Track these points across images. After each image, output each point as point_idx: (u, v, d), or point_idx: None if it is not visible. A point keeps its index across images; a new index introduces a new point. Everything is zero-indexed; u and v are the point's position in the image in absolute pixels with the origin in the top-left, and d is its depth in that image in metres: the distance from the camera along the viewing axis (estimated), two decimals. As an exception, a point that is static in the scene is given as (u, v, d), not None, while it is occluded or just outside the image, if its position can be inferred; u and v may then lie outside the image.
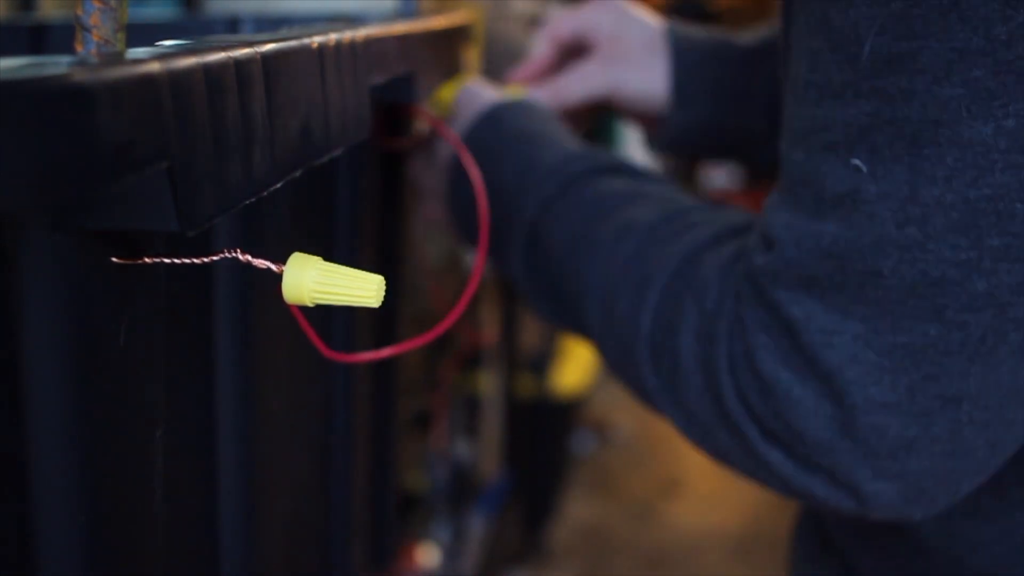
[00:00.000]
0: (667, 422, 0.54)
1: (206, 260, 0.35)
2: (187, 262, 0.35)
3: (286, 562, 0.53)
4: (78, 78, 0.25)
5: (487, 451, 1.55)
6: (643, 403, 0.56)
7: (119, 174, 0.27)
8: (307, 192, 0.50)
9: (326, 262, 0.35)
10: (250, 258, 0.35)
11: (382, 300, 0.35)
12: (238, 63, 0.34)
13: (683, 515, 2.26)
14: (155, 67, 0.28)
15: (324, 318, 0.55)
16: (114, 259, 0.32)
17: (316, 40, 0.41)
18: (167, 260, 0.34)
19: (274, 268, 0.35)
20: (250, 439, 0.46)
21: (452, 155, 0.66)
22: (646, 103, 0.74)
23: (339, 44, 0.43)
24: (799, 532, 0.67)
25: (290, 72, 0.38)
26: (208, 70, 0.31)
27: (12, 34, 0.75)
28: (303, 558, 0.56)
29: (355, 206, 0.57)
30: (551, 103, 0.72)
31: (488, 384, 1.51)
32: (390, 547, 0.74)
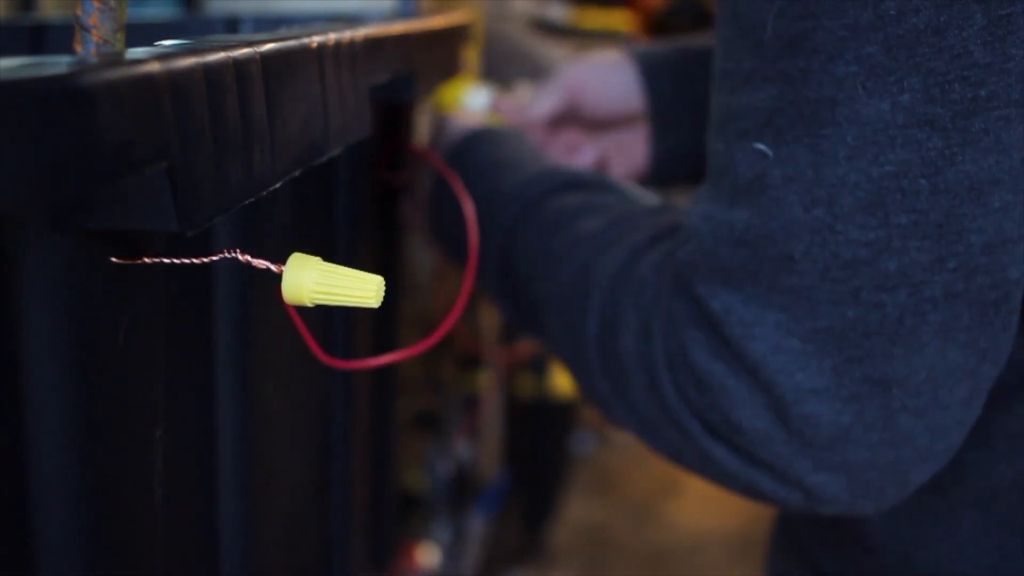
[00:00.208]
0: (623, 429, 0.54)
1: (206, 260, 0.35)
2: (187, 262, 0.35)
3: (286, 562, 0.53)
4: (78, 78, 0.25)
5: (487, 451, 1.54)
6: (602, 412, 0.56)
7: (119, 174, 0.27)
8: (307, 192, 0.50)
9: (326, 262, 0.35)
10: (250, 258, 0.35)
11: (381, 300, 0.36)
12: (238, 63, 0.34)
13: (683, 515, 2.26)
14: (155, 67, 0.28)
15: (323, 318, 0.55)
16: (114, 259, 0.32)
17: (316, 40, 0.41)
18: (167, 260, 0.34)
19: (274, 268, 0.35)
20: (250, 439, 0.46)
21: (433, 184, 0.67)
22: (609, 106, 0.74)
23: (339, 44, 0.43)
24: (774, 530, 0.68)
25: (290, 72, 0.38)
26: (208, 70, 0.31)
27: (12, 34, 0.75)
28: (303, 558, 0.56)
29: (354, 206, 0.57)
30: (517, 121, 0.74)
31: (488, 384, 1.51)
32: (390, 547, 0.74)
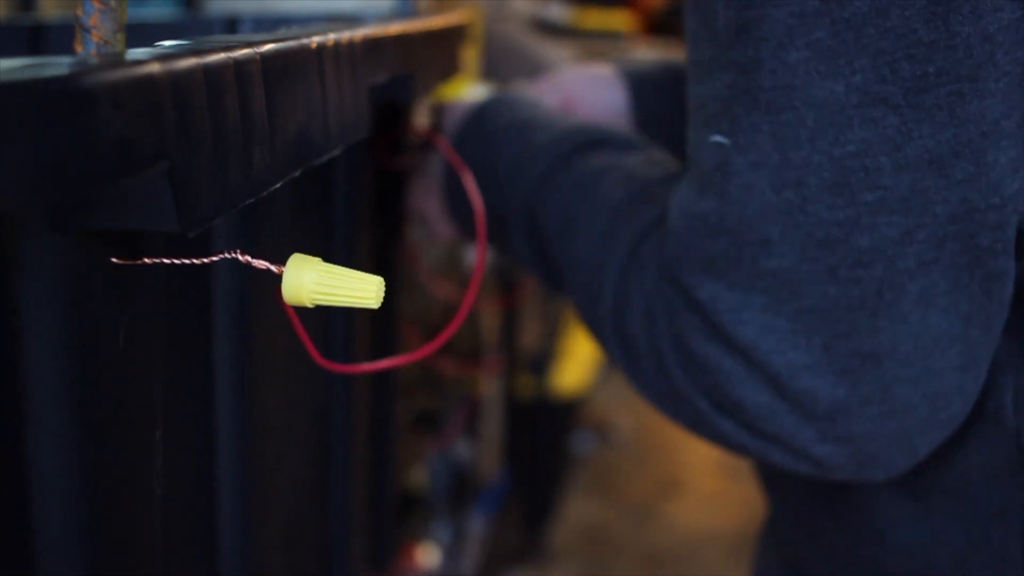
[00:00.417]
0: (641, 397, 0.55)
1: (206, 260, 0.35)
2: (187, 262, 0.35)
3: (285, 562, 0.53)
4: (79, 79, 0.25)
5: (487, 451, 1.54)
6: (623, 374, 0.57)
7: (119, 174, 0.27)
8: (306, 192, 0.50)
9: (325, 263, 0.35)
10: (249, 259, 0.35)
11: (381, 301, 0.36)
12: (238, 63, 0.34)
13: (683, 515, 2.26)
14: (155, 68, 0.28)
15: (323, 319, 0.55)
16: (114, 259, 0.32)
17: (315, 40, 0.41)
18: (167, 260, 0.34)
19: (273, 269, 0.35)
20: (249, 439, 0.46)
21: (444, 162, 0.67)
22: (603, 119, 0.74)
23: (338, 44, 0.43)
24: (761, 529, 0.68)
25: (289, 72, 0.38)
26: (208, 71, 0.31)
27: (12, 34, 0.75)
28: (303, 558, 0.56)
29: (354, 206, 0.57)
30: None
31: (488, 384, 1.51)
32: (390, 547, 0.74)
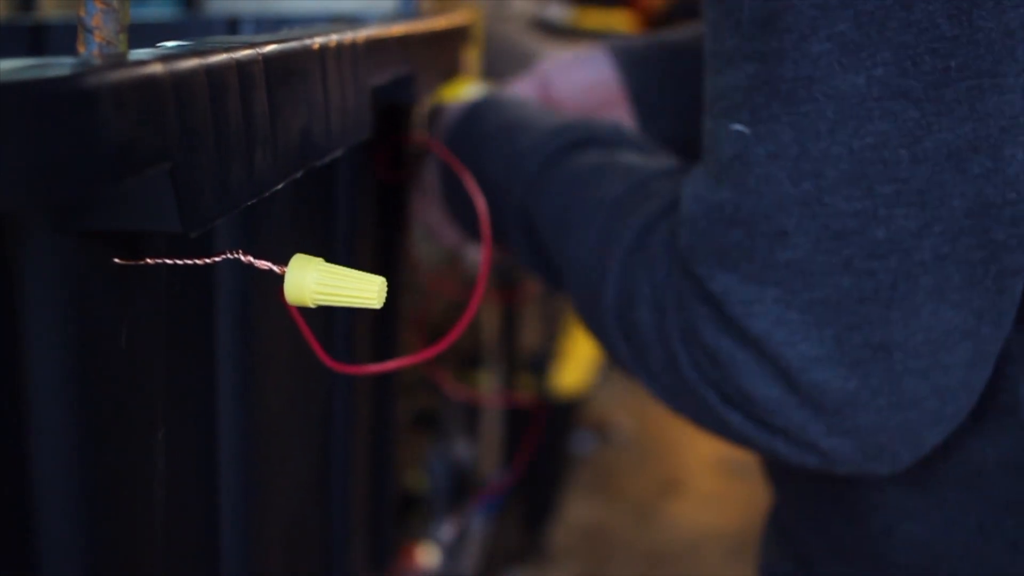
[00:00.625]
0: (646, 391, 0.55)
1: (208, 261, 0.35)
2: (189, 263, 0.35)
3: (286, 562, 0.53)
4: (81, 79, 0.25)
5: (487, 451, 1.54)
6: (625, 375, 0.57)
7: (121, 175, 0.27)
8: (308, 193, 0.50)
9: (327, 263, 0.35)
10: (251, 259, 0.35)
11: (383, 301, 0.36)
12: (240, 64, 0.34)
13: (683, 515, 2.26)
14: (158, 68, 0.28)
15: (325, 319, 0.55)
16: (116, 260, 0.32)
17: (317, 41, 0.41)
18: (169, 261, 0.34)
19: (276, 269, 0.35)
20: (250, 439, 0.46)
21: (441, 169, 0.67)
22: (575, 96, 0.74)
23: (340, 45, 0.43)
24: (765, 524, 0.68)
25: (292, 73, 0.38)
26: (210, 71, 0.31)
27: (12, 34, 0.75)
28: (303, 558, 0.56)
29: (355, 206, 0.57)
30: None
31: (488, 384, 1.51)
32: (390, 547, 0.74)
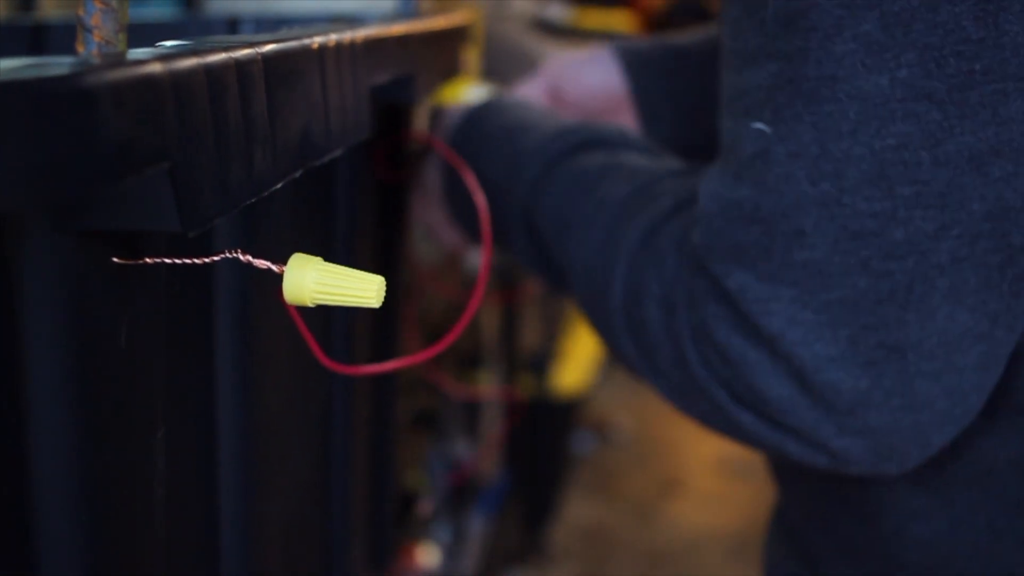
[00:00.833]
0: (652, 390, 0.55)
1: (207, 260, 0.35)
2: (188, 262, 0.35)
3: (286, 562, 0.53)
4: (80, 79, 0.25)
5: (487, 451, 1.54)
6: (631, 373, 0.57)
7: (121, 174, 0.27)
8: (307, 192, 0.50)
9: (327, 263, 0.35)
10: (251, 258, 0.35)
11: (383, 301, 0.36)
12: (239, 64, 0.34)
13: (683, 515, 2.26)
14: (157, 68, 0.28)
15: (324, 319, 0.55)
16: (115, 259, 0.32)
17: (317, 41, 0.41)
18: (168, 260, 0.34)
19: (275, 268, 0.35)
20: (250, 439, 0.46)
21: (442, 170, 0.67)
22: (586, 95, 0.74)
23: (339, 45, 0.43)
24: (770, 520, 0.68)
25: (291, 73, 0.38)
26: (210, 71, 0.31)
27: (12, 34, 0.75)
28: (303, 558, 0.56)
29: (355, 206, 0.57)
30: None
31: (488, 384, 1.51)
32: (390, 547, 0.74)
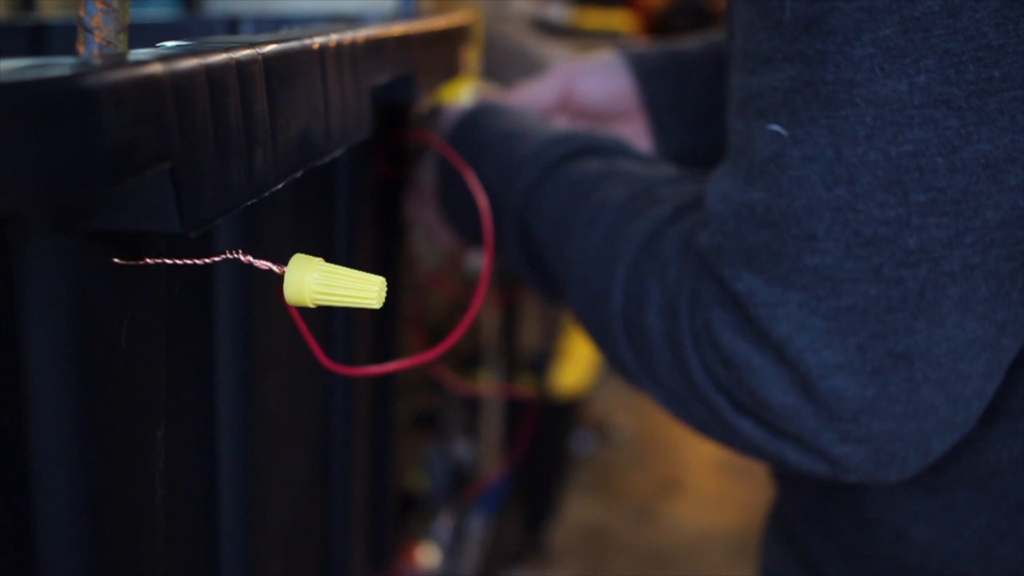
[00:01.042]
0: (648, 397, 0.55)
1: (207, 261, 0.35)
2: (189, 263, 0.35)
3: (286, 562, 0.53)
4: (81, 79, 0.25)
5: (487, 451, 1.54)
6: (626, 380, 0.57)
7: (121, 175, 0.27)
8: (308, 193, 0.50)
9: (327, 263, 0.35)
10: (251, 259, 0.35)
11: (383, 301, 0.36)
12: (240, 64, 0.34)
13: (683, 515, 2.26)
14: (158, 68, 0.28)
15: (324, 319, 0.55)
16: (116, 260, 0.32)
17: (317, 41, 0.41)
18: (169, 261, 0.34)
19: (275, 269, 0.35)
20: (250, 439, 0.46)
21: (438, 170, 0.67)
22: (600, 101, 0.74)
23: (340, 45, 0.43)
24: (767, 520, 0.68)
25: (292, 73, 0.38)
26: (210, 71, 0.32)
27: (12, 34, 0.75)
28: (303, 558, 0.56)
29: (355, 206, 0.57)
30: None
31: (488, 384, 1.51)
32: (390, 547, 0.74)
